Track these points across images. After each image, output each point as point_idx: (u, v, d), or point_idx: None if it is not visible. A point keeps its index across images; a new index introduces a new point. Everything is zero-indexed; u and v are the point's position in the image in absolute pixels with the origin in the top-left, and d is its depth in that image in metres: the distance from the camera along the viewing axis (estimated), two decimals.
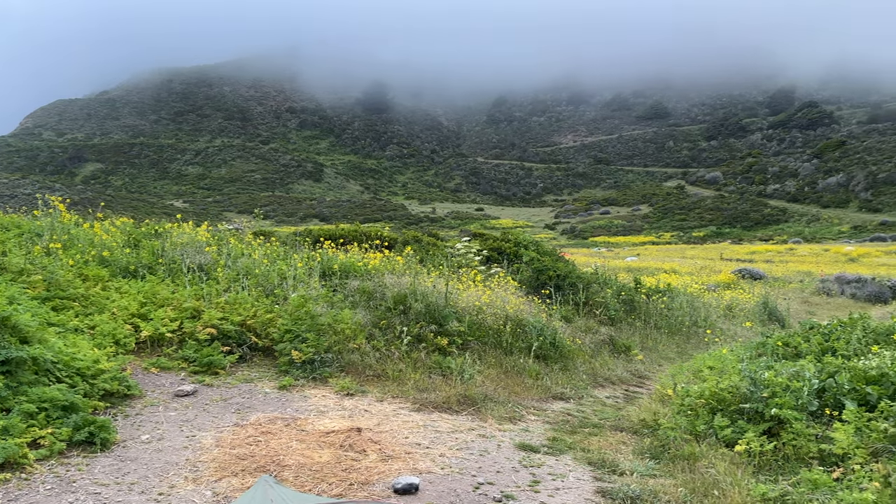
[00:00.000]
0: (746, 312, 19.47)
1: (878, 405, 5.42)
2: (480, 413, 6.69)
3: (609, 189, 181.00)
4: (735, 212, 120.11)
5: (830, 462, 4.94)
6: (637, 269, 34.47)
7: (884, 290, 27.89)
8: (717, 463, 5.12)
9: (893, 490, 4.16)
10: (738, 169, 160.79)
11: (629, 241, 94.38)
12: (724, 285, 27.62)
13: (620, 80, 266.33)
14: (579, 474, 5.17)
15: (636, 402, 7.99)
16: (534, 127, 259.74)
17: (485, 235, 17.50)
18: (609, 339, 11.89)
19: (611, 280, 15.76)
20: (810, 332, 8.85)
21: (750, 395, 5.94)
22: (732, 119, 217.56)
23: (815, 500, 4.20)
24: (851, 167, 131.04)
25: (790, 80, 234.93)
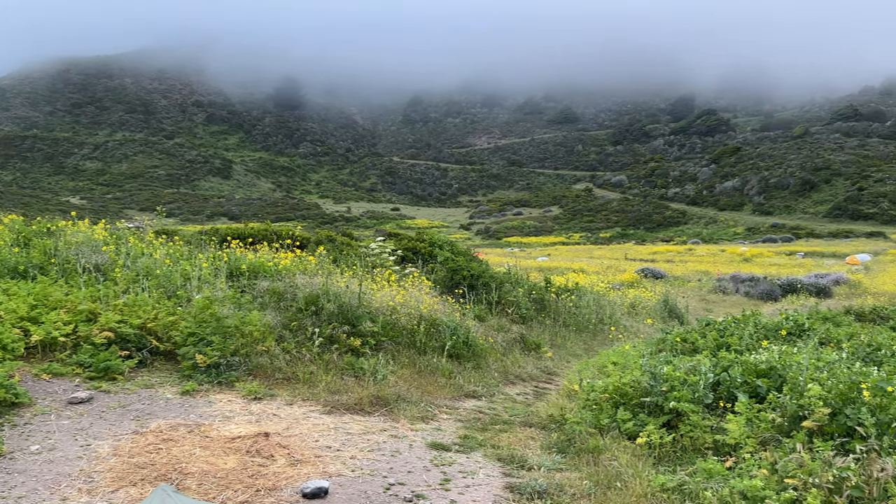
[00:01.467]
0: (648, 310, 20.33)
1: (767, 397, 5.79)
2: (393, 413, 6.66)
3: (522, 190, 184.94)
4: (639, 214, 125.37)
5: (724, 451, 5.23)
6: (548, 269, 35.37)
7: (774, 289, 29.79)
8: (619, 455, 5.32)
9: (780, 476, 4.44)
10: (642, 173, 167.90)
11: (541, 242, 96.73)
12: (628, 284, 28.74)
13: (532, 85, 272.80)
14: (489, 471, 5.24)
15: (545, 398, 8.18)
16: (449, 128, 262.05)
17: (400, 235, 17.47)
18: (520, 337, 12.13)
19: (522, 279, 16.09)
20: (706, 329, 9.35)
21: (650, 389, 6.21)
22: (637, 125, 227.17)
23: (710, 489, 4.43)
24: (746, 172, 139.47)
25: (690, 89, 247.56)
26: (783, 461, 4.47)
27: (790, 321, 9.58)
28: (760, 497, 4.11)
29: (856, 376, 5.46)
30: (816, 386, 5.22)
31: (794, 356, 6.42)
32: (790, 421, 5.18)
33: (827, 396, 5.15)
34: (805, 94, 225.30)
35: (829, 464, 4.31)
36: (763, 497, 4.11)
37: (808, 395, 5.14)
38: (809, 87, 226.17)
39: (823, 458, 4.37)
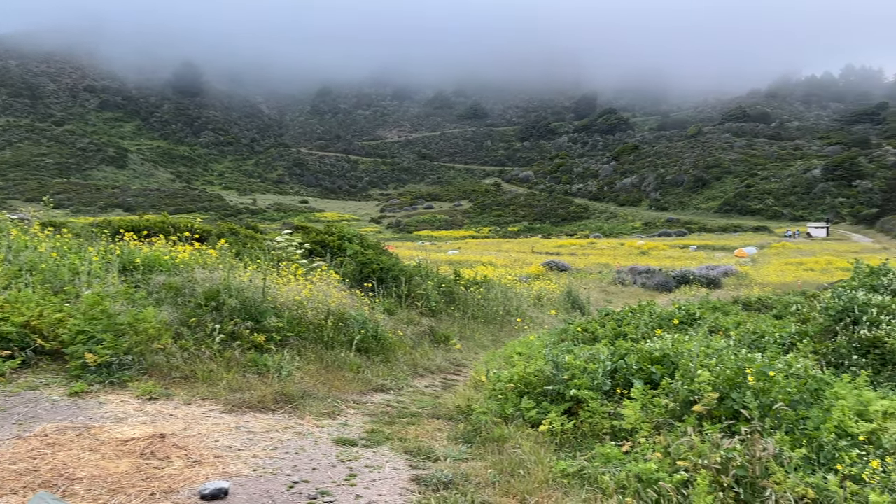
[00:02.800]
0: (553, 301, 20.94)
1: (661, 383, 6.07)
2: (298, 410, 6.53)
3: (433, 184, 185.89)
4: (545, 208, 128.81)
5: (621, 437, 5.44)
6: (458, 262, 35.74)
7: (669, 280, 31.37)
8: (523, 443, 5.44)
9: (672, 459, 4.67)
10: (547, 169, 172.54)
11: (451, 235, 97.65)
12: (534, 276, 29.49)
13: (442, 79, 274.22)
14: (396, 464, 5.23)
15: (453, 390, 8.26)
16: (359, 120, 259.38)
17: (308, 228, 17.13)
18: (430, 329, 12.20)
19: (432, 273, 16.18)
20: (606, 319, 9.71)
21: (553, 377, 6.38)
22: (543, 122, 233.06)
23: (608, 473, 4.60)
24: (643, 169, 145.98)
25: (593, 89, 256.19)
26: (675, 444, 4.70)
27: (682, 311, 10.11)
28: (654, 479, 4.31)
29: (742, 362, 5.81)
30: (706, 372, 5.53)
31: (685, 344, 6.77)
32: (682, 406, 5.46)
33: (715, 382, 5.45)
34: (698, 95, 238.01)
35: (717, 445, 4.57)
36: (657, 479, 4.31)
37: (699, 381, 5.43)
38: (702, 90, 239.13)
39: (712, 440, 4.63)
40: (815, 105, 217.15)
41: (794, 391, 5.33)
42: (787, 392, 5.25)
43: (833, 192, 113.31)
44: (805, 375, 5.82)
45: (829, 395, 5.56)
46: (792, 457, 4.49)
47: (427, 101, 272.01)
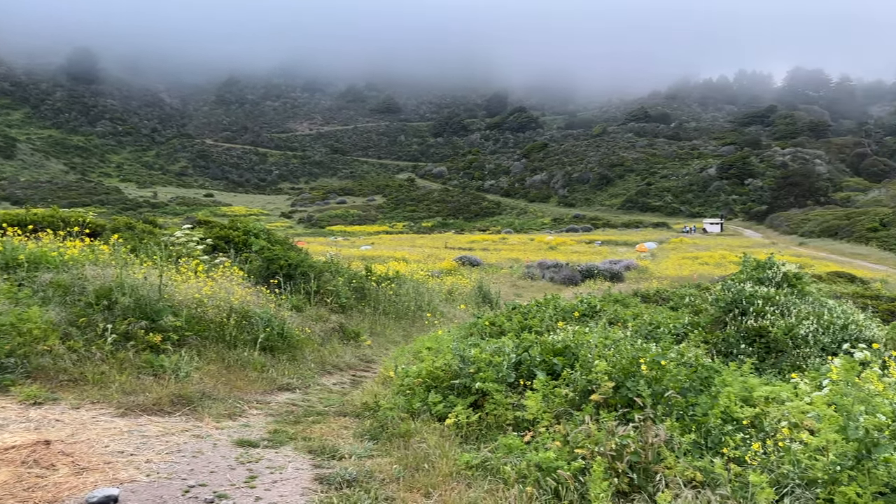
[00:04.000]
0: (465, 296, 21.16)
1: (561, 374, 6.25)
2: (197, 412, 6.29)
3: (346, 179, 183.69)
4: (458, 204, 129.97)
5: (523, 427, 5.56)
6: (371, 258, 35.51)
7: (575, 274, 32.37)
8: (428, 437, 5.47)
9: (571, 447, 4.81)
10: (460, 165, 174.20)
11: (365, 231, 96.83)
12: (447, 272, 29.71)
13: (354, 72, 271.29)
14: (299, 464, 5.13)
15: (361, 387, 8.19)
16: (268, 111, 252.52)
17: (211, 223, 16.53)
18: (339, 326, 12.04)
19: (343, 269, 15.97)
20: (512, 313, 9.90)
21: (460, 371, 6.45)
22: (456, 119, 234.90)
23: (510, 463, 4.69)
24: (552, 167, 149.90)
25: (504, 87, 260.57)
26: (573, 433, 4.85)
27: (584, 304, 10.45)
28: (553, 467, 4.43)
29: (637, 352, 6.06)
30: (603, 362, 5.73)
31: (585, 335, 7.00)
32: (581, 395, 5.64)
33: (612, 371, 5.66)
34: (603, 96, 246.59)
35: (612, 433, 4.75)
36: (556, 467, 4.43)
37: (596, 371, 5.62)
38: (607, 90, 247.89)
39: (608, 428, 4.80)
40: (711, 107, 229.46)
41: (685, 379, 5.61)
42: (678, 380, 5.52)
43: (727, 190, 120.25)
44: (696, 364, 6.13)
45: (718, 383, 5.88)
46: (682, 442, 4.73)
47: (339, 94, 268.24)
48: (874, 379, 4.92)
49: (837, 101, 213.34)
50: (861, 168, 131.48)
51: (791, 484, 4.11)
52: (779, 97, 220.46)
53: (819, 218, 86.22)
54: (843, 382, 4.56)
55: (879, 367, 5.60)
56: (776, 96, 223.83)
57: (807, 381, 5.64)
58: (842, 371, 4.59)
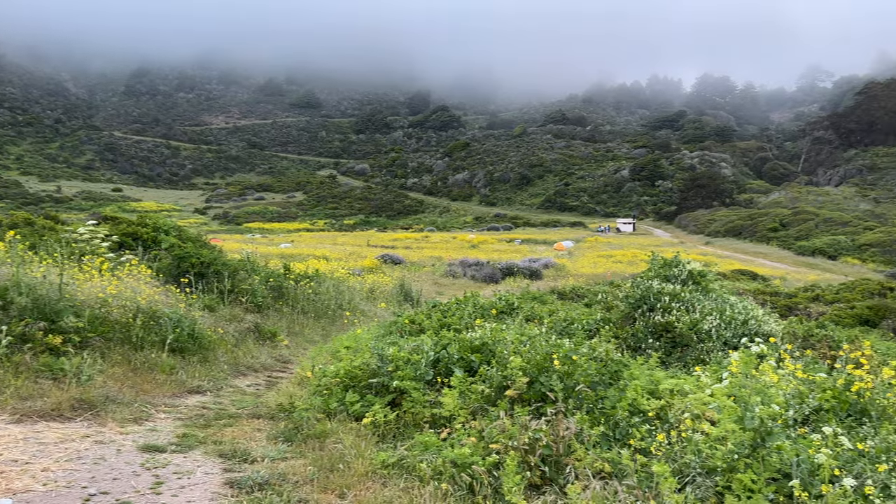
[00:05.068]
0: (386, 294, 21.09)
1: (479, 371, 6.32)
2: (100, 417, 5.99)
3: (264, 175, 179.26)
4: (381, 202, 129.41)
5: (441, 424, 5.59)
6: (290, 256, 34.81)
7: (496, 272, 32.85)
8: (345, 437, 5.41)
9: (486, 443, 4.88)
10: (383, 162, 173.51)
11: (284, 228, 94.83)
12: (368, 270, 29.50)
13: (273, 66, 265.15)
14: (208, 468, 4.97)
15: (277, 388, 8.03)
16: (181, 103, 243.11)
17: (118, 219, 15.77)
18: (255, 326, 11.75)
19: (260, 267, 15.60)
20: (432, 311, 9.94)
21: (378, 370, 6.42)
22: (378, 116, 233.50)
23: (425, 461, 4.71)
24: (474, 166, 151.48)
25: (427, 85, 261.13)
26: (488, 428, 4.91)
27: (502, 301, 10.62)
28: (468, 463, 4.48)
29: (551, 348, 6.20)
30: (518, 358, 5.83)
31: (502, 333, 7.11)
32: (496, 391, 5.72)
33: (526, 367, 5.78)
34: (524, 97, 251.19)
35: (525, 427, 4.84)
36: (471, 463, 4.48)
37: (511, 367, 5.72)
38: (527, 92, 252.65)
39: (521, 422, 4.90)
40: (625, 111, 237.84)
41: (595, 373, 5.79)
42: (588, 374, 5.69)
43: (639, 191, 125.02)
44: (605, 359, 6.34)
45: (626, 376, 6.10)
46: (591, 434, 4.88)
47: (258, 87, 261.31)
48: (770, 371, 5.22)
49: (742, 107, 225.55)
50: (763, 171, 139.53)
51: (693, 473, 4.31)
52: (688, 102, 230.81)
53: (724, 218, 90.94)
54: (741, 375, 4.82)
55: (775, 361, 5.96)
56: (686, 101, 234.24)
57: (708, 373, 5.94)
58: (740, 364, 4.84)
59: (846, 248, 64.82)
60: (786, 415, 4.82)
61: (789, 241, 71.06)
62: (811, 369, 6.06)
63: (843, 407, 5.40)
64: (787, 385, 5.43)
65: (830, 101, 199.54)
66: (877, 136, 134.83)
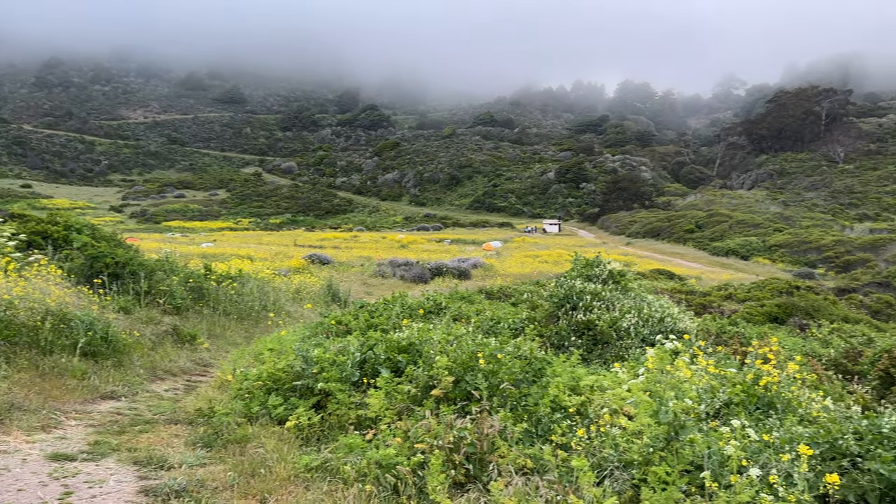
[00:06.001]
0: (313, 295, 20.78)
1: (405, 371, 6.32)
2: (4, 426, 5.66)
3: (185, 171, 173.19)
4: (309, 201, 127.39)
5: (366, 426, 5.56)
6: (212, 256, 33.83)
7: (425, 272, 32.90)
8: (266, 441, 5.30)
9: (411, 443, 4.88)
10: (311, 161, 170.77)
11: (206, 227, 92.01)
12: (295, 270, 29.00)
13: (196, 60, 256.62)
14: (122, 476, 4.77)
15: (196, 392, 7.78)
16: (96, 96, 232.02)
17: (27, 217, 14.91)
18: (173, 328, 11.35)
19: (179, 267, 15.08)
20: (360, 311, 9.87)
21: (302, 372, 6.32)
22: (306, 113, 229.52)
23: (350, 462, 4.67)
24: (404, 166, 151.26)
25: (355, 83, 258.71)
26: (414, 428, 4.92)
27: (430, 301, 10.66)
28: (393, 464, 4.47)
29: (477, 347, 6.26)
30: (444, 358, 5.87)
31: (429, 332, 7.13)
32: (423, 391, 5.74)
33: (452, 366, 5.81)
34: (453, 99, 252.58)
35: (451, 426, 4.87)
36: (395, 463, 4.47)
37: (437, 367, 5.74)
38: (456, 93, 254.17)
39: (447, 421, 4.92)
40: (550, 114, 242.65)
41: (519, 371, 5.89)
42: (512, 372, 5.78)
43: (564, 193, 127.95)
44: (530, 356, 6.46)
45: (549, 374, 6.24)
46: (515, 431, 4.96)
47: (178, 81, 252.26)
48: (684, 367, 5.44)
49: (661, 113, 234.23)
50: (680, 175, 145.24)
51: (611, 466, 4.45)
52: (610, 107, 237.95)
53: (644, 220, 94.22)
54: (657, 371, 5.00)
55: (689, 357, 6.22)
56: (608, 106, 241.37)
57: (626, 370, 6.13)
58: (656, 360, 5.04)
59: (757, 248, 68.35)
60: (698, 409, 5.03)
61: (704, 242, 74.30)
62: (723, 365, 6.36)
63: (752, 400, 5.69)
64: (699, 380, 5.67)
65: (743, 109, 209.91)
66: (785, 143, 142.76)
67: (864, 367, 9.65)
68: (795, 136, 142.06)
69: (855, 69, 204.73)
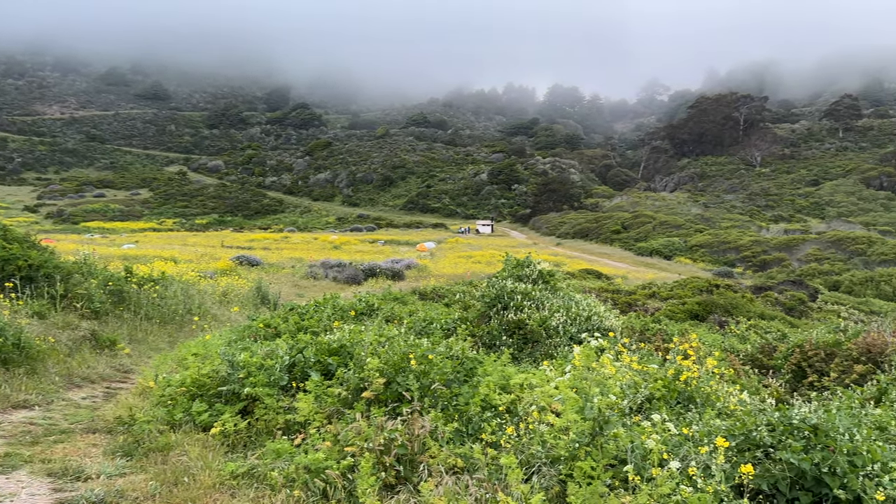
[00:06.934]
0: (241, 298, 20.28)
1: (336, 373, 6.25)
2: None
3: (105, 170, 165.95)
4: (237, 201, 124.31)
5: (295, 430, 5.47)
6: (134, 258, 32.53)
7: (358, 273, 32.62)
8: (190, 449, 5.14)
9: (341, 446, 4.83)
10: (239, 160, 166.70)
11: (128, 228, 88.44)
12: (222, 272, 28.23)
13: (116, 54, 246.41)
14: (35, 489, 4.53)
15: (116, 400, 7.47)
16: (9, 91, 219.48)
17: None
18: (92, 334, 10.86)
19: (98, 270, 14.43)
20: (289, 313, 9.70)
21: (228, 377, 6.16)
22: (234, 110, 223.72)
23: (277, 468, 4.58)
24: (336, 166, 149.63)
25: (285, 81, 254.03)
26: (344, 431, 4.87)
27: (363, 302, 10.58)
28: (322, 468, 4.41)
29: (409, 348, 6.26)
30: (376, 359, 5.84)
31: (361, 334, 7.07)
32: (353, 393, 5.69)
33: (384, 368, 5.79)
34: (386, 99, 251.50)
35: (381, 428, 4.85)
36: (325, 468, 4.42)
37: (369, 368, 5.71)
38: (389, 94, 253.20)
39: (377, 423, 4.90)
40: (483, 116, 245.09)
41: (451, 371, 5.92)
42: (444, 373, 5.80)
43: (497, 195, 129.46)
44: (461, 356, 6.50)
45: (480, 373, 6.29)
46: (445, 431, 4.98)
47: (98, 76, 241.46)
48: (608, 364, 5.59)
49: (589, 117, 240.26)
50: (607, 177, 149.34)
51: (538, 463, 4.53)
52: (541, 110, 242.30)
53: (573, 221, 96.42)
54: (583, 368, 5.12)
55: (614, 354, 6.40)
56: (539, 109, 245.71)
57: (554, 367, 6.26)
58: (582, 357, 5.16)
59: (679, 248, 71.03)
60: (622, 404, 5.19)
61: (630, 243, 76.68)
62: (646, 361, 6.57)
63: (673, 395, 5.91)
64: (623, 376, 5.84)
65: (667, 114, 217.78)
66: (706, 147, 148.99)
67: (779, 362, 10.16)
68: (715, 140, 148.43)
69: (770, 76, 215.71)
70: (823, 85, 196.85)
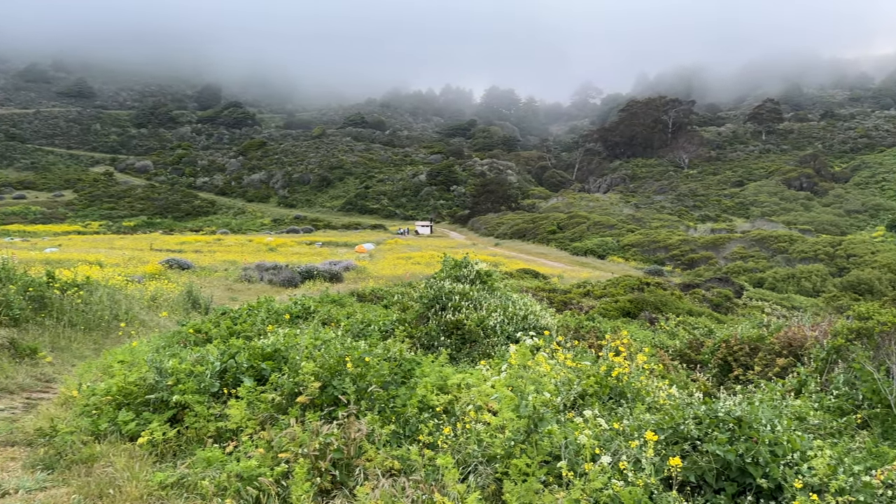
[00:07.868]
0: (171, 302, 19.65)
1: (270, 378, 6.12)
2: None
3: (25, 171, 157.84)
4: (167, 202, 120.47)
5: (227, 437, 5.33)
6: (57, 262, 31.08)
7: (295, 276, 32.06)
8: (116, 460, 4.94)
9: (275, 452, 4.73)
10: (169, 159, 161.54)
11: (50, 231, 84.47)
12: (150, 276, 27.29)
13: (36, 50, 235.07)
14: None
15: (37, 410, 7.11)
16: None
17: None
18: (10, 342, 10.31)
19: (17, 275, 13.72)
20: (221, 318, 9.46)
21: (156, 385, 5.95)
22: (162, 109, 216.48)
23: (208, 477, 4.45)
24: (271, 166, 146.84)
25: (217, 79, 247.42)
26: (278, 437, 4.78)
27: (298, 305, 10.42)
28: (255, 475, 4.31)
29: (345, 351, 6.19)
30: (311, 363, 5.75)
31: (296, 338, 6.96)
32: (288, 398, 5.59)
33: (319, 371, 5.71)
34: (322, 99, 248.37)
35: (317, 433, 4.78)
36: (257, 475, 4.32)
37: (303, 373, 5.62)
38: (326, 94, 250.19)
39: (312, 428, 4.83)
40: (421, 117, 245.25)
41: (388, 373, 5.89)
42: (381, 375, 5.77)
43: (436, 196, 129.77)
44: (399, 358, 6.48)
45: (418, 374, 6.29)
46: (382, 433, 4.95)
47: (17, 72, 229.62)
48: (543, 362, 5.68)
49: (525, 119, 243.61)
50: (543, 179, 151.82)
51: (475, 462, 4.55)
52: (478, 112, 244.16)
53: (511, 221, 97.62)
54: (518, 366, 5.18)
55: (549, 352, 6.50)
56: (476, 111, 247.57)
57: (491, 366, 6.32)
58: (518, 356, 5.21)
59: (612, 248, 72.88)
60: (556, 401, 5.28)
61: (566, 243, 78.21)
62: (579, 358, 6.71)
63: (605, 391, 6.05)
64: (558, 374, 5.95)
65: (599, 117, 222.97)
66: (637, 149, 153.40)
67: (706, 357, 10.54)
68: (645, 142, 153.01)
69: (698, 80, 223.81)
70: (747, 89, 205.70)
